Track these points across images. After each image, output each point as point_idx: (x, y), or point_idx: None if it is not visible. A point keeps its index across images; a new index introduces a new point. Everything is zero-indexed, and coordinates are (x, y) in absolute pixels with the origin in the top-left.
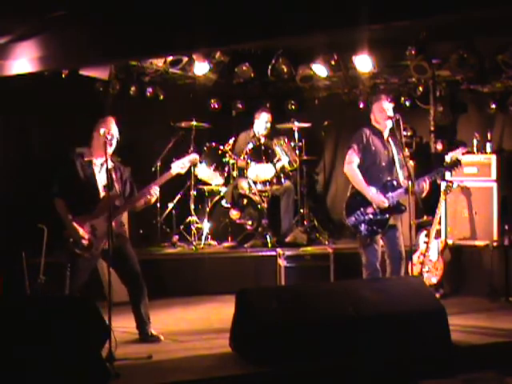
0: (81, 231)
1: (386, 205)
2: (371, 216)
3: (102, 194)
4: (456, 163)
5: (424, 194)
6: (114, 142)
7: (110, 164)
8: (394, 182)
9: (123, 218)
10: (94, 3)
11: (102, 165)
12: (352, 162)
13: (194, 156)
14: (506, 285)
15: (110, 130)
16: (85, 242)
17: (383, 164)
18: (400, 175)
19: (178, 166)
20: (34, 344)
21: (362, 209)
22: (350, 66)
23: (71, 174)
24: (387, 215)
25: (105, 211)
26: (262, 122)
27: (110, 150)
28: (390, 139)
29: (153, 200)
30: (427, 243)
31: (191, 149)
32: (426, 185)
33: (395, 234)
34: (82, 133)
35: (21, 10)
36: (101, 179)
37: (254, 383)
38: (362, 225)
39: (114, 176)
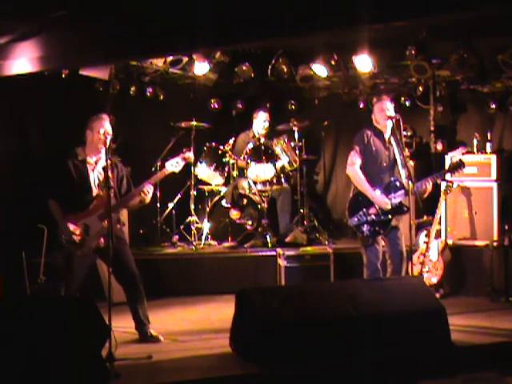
0: (72, 227)
1: (389, 206)
2: (374, 217)
3: (95, 192)
4: (460, 165)
5: (426, 195)
6: (109, 140)
7: (104, 163)
8: (397, 183)
9: (123, 218)
10: (94, 3)
11: (96, 163)
12: (354, 164)
13: (188, 154)
14: (506, 285)
15: (106, 128)
16: (76, 239)
17: (384, 164)
18: (402, 175)
19: (172, 165)
20: (34, 344)
21: (364, 210)
22: (350, 65)
23: (64, 176)
24: (390, 216)
25: (98, 209)
26: (260, 121)
27: (103, 148)
28: (391, 139)
29: (147, 199)
30: (427, 243)
31: (184, 150)
32: (428, 185)
33: (396, 235)
34: (82, 133)
35: (21, 10)
36: (94, 178)
37: (254, 383)
38: (365, 225)
39: (110, 174)
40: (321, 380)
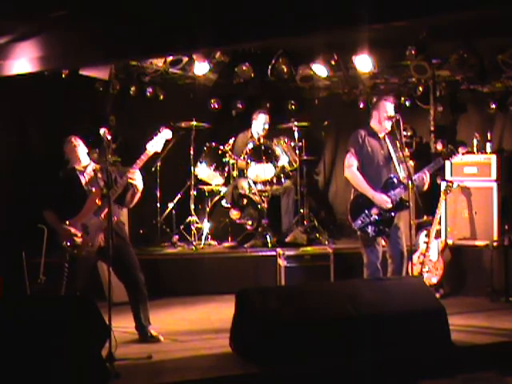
0: (72, 230)
1: (390, 205)
2: (376, 217)
3: (88, 190)
4: (453, 151)
5: (426, 187)
6: (80, 148)
7: (94, 166)
8: (395, 180)
9: (123, 218)
10: (94, 3)
11: (84, 168)
12: (351, 166)
13: (165, 131)
14: (506, 285)
15: (72, 142)
16: (78, 240)
17: (381, 163)
18: (399, 172)
19: (153, 145)
20: (34, 344)
21: (366, 211)
22: (350, 65)
23: (57, 186)
24: (392, 213)
25: (93, 207)
26: (259, 124)
27: (82, 154)
28: (386, 137)
29: (137, 185)
30: (427, 243)
31: (161, 127)
32: (426, 177)
33: (397, 234)
34: (82, 133)
35: (21, 10)
36: (85, 180)
37: (254, 383)
38: (369, 226)
39: (99, 175)
40: (321, 380)
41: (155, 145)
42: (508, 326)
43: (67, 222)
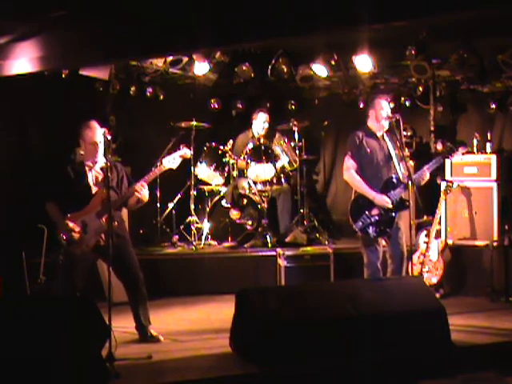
0: (70, 225)
1: (390, 205)
2: (377, 217)
3: (94, 190)
4: (452, 149)
5: (423, 182)
6: (101, 145)
7: (103, 162)
8: (395, 180)
9: (123, 217)
10: (94, 3)
11: (93, 164)
12: (350, 168)
13: (185, 150)
14: (506, 285)
15: (95, 140)
16: (75, 236)
17: (381, 163)
18: (399, 170)
19: (169, 161)
20: (34, 344)
21: (366, 212)
22: (350, 65)
23: (63, 179)
24: (393, 214)
25: (96, 207)
26: (259, 123)
27: (100, 152)
28: (384, 135)
29: (144, 197)
30: (427, 243)
31: (181, 146)
32: (425, 175)
33: (397, 234)
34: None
35: (21, 10)
36: (92, 177)
37: (254, 383)
38: (370, 227)
39: (108, 174)
40: (321, 380)
41: (171, 161)
42: (508, 325)
43: (68, 215)
